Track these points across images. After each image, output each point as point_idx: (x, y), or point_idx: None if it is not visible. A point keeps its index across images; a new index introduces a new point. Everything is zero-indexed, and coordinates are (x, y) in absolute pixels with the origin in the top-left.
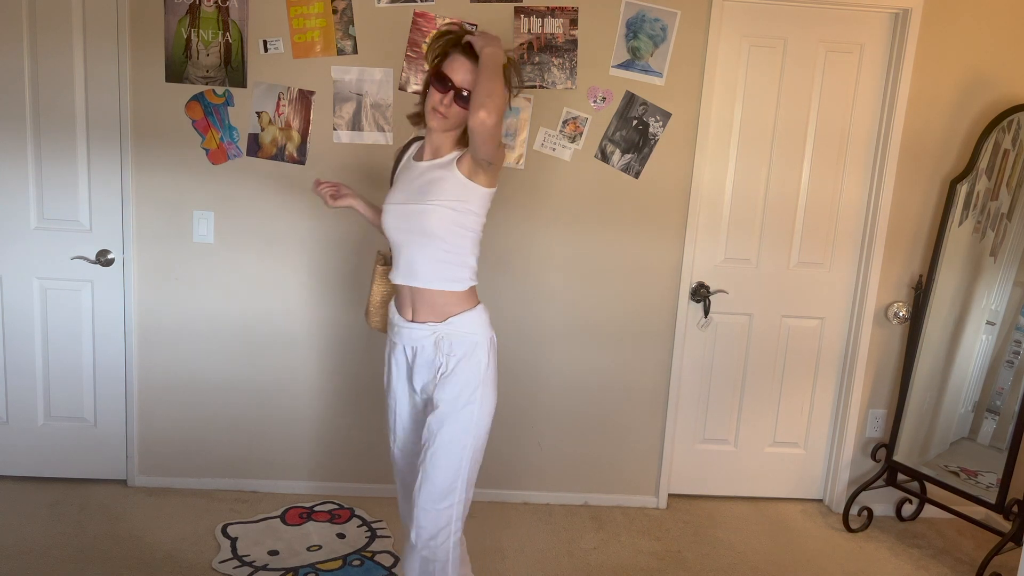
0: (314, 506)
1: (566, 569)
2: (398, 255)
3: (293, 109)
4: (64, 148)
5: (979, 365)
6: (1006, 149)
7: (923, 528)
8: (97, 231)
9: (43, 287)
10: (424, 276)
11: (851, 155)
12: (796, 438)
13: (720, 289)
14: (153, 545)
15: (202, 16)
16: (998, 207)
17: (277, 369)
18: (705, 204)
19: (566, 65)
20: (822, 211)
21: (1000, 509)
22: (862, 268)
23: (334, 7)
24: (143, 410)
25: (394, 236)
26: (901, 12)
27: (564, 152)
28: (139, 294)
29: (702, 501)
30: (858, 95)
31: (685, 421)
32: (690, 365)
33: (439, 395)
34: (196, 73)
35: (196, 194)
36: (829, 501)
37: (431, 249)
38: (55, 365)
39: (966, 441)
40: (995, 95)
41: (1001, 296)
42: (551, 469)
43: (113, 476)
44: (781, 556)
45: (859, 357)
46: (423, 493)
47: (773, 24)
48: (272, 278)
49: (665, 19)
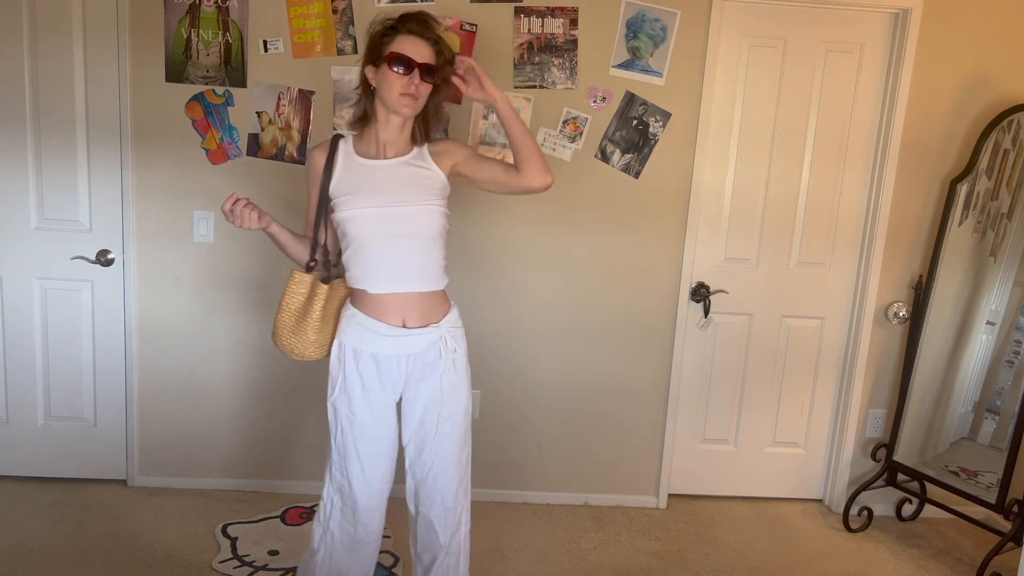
0: (314, 506)
1: (566, 569)
2: (378, 263)
3: (293, 109)
4: (64, 148)
5: (979, 365)
6: (1006, 149)
7: (923, 528)
8: (97, 231)
9: (43, 287)
10: (420, 280)
11: (851, 155)
12: (796, 438)
13: (720, 289)
14: (153, 545)
15: (202, 16)
16: (998, 207)
17: (277, 369)
18: (705, 204)
19: (566, 65)
20: (822, 211)
21: (1000, 509)
22: (862, 268)
23: (334, 7)
24: (143, 410)
25: (374, 243)
26: (901, 12)
27: (564, 152)
28: (139, 294)
29: (702, 501)
30: (858, 95)
31: (685, 421)
32: (690, 365)
33: (441, 388)
34: (196, 73)
35: (196, 194)
36: (829, 501)
37: (424, 251)
38: (55, 365)
39: (966, 441)
40: (995, 95)
41: (1001, 296)
42: (551, 469)
43: (113, 476)
44: (781, 556)
45: (859, 357)
46: (443, 489)
47: (773, 24)
48: (272, 278)
49: (665, 19)
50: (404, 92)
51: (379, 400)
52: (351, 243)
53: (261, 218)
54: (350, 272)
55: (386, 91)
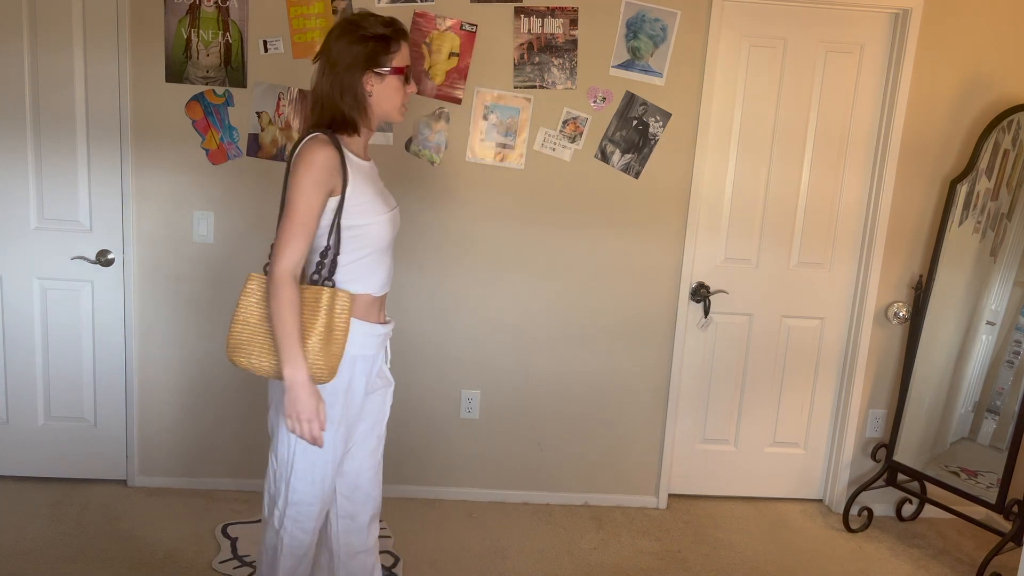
0: None
1: (566, 569)
2: (385, 265)
3: (293, 109)
4: (64, 148)
5: (979, 365)
6: (1006, 149)
7: (923, 528)
8: (97, 231)
9: (43, 287)
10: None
11: (851, 155)
12: (796, 438)
13: (720, 289)
14: (153, 545)
15: (202, 16)
16: (998, 207)
17: None
18: (705, 204)
19: (566, 65)
20: (822, 211)
21: (1000, 509)
22: (862, 268)
23: (334, 7)
24: (143, 410)
25: (388, 247)
26: (901, 12)
27: (564, 152)
28: (139, 294)
29: (702, 501)
30: (858, 95)
31: (685, 421)
32: (690, 365)
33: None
34: (196, 73)
35: (196, 194)
36: (829, 501)
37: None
38: (55, 365)
39: (966, 441)
40: (995, 95)
41: (1001, 296)
42: (551, 469)
43: (113, 476)
44: (781, 556)
45: (859, 357)
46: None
47: (773, 24)
48: None
49: (665, 19)
50: (405, 103)
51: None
52: (371, 249)
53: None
54: (359, 279)
55: (386, 101)
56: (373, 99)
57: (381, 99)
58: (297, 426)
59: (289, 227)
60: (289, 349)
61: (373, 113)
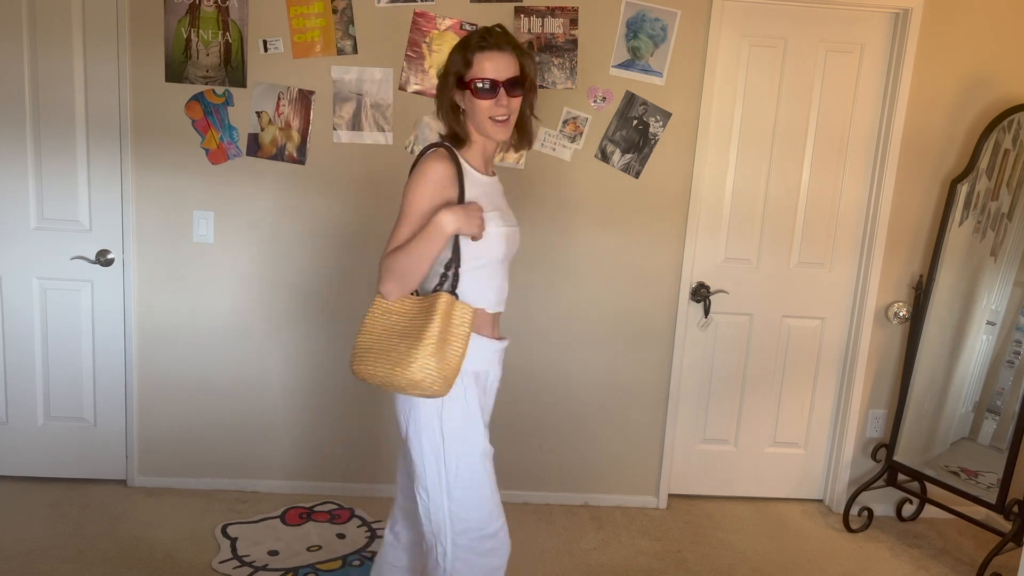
0: (314, 506)
1: (566, 569)
2: (501, 282)
3: (293, 109)
4: (64, 148)
5: (979, 365)
6: (1006, 149)
7: (923, 528)
8: (97, 231)
9: (43, 287)
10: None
11: (851, 155)
12: (796, 438)
13: (720, 289)
14: (153, 545)
15: (202, 16)
16: (998, 207)
17: (278, 369)
18: (705, 204)
19: (566, 65)
20: (822, 211)
21: (1000, 509)
22: (862, 268)
23: (334, 7)
24: (143, 410)
25: (502, 262)
26: (901, 12)
27: (564, 152)
28: (139, 294)
29: (702, 501)
30: (858, 95)
31: (685, 421)
32: (690, 365)
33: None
34: (196, 73)
35: (196, 194)
36: (829, 501)
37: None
38: (55, 365)
39: (966, 441)
40: (995, 95)
41: (1001, 296)
42: (551, 469)
43: (113, 476)
44: (781, 556)
45: (859, 357)
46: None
47: (773, 24)
48: (272, 278)
49: (665, 19)
50: (494, 118)
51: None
52: (483, 262)
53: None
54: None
55: (473, 115)
56: (467, 114)
57: (471, 113)
58: (467, 225)
59: (398, 231)
60: (420, 232)
61: (473, 128)
